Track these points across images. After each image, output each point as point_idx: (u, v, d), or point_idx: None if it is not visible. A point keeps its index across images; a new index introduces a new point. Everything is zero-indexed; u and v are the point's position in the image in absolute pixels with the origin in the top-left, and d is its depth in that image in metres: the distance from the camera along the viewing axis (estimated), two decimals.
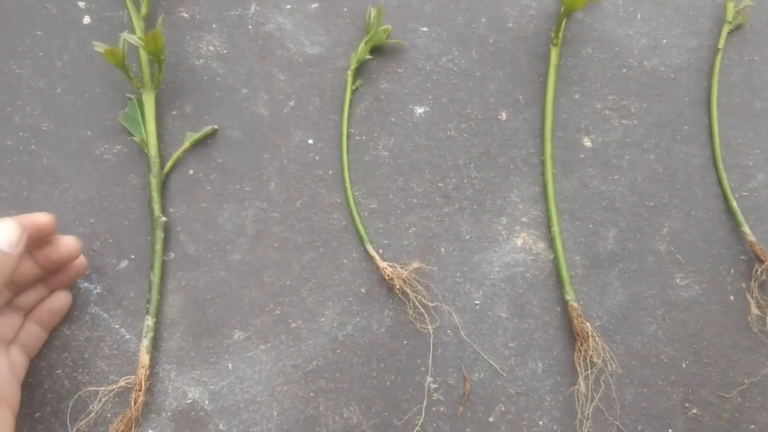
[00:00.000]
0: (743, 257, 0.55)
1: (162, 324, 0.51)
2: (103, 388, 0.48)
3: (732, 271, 0.54)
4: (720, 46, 0.60)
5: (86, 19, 0.57)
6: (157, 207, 0.52)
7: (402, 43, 0.59)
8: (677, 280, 0.54)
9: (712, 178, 0.57)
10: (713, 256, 0.55)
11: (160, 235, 0.52)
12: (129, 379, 0.48)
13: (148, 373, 0.48)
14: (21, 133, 0.54)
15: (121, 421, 0.46)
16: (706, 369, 0.52)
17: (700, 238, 0.55)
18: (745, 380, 0.52)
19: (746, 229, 0.54)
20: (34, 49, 0.56)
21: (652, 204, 0.56)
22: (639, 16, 0.61)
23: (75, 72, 0.56)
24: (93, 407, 0.48)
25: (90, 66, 0.56)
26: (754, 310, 0.53)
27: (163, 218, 0.52)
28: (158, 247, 0.51)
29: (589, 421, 0.49)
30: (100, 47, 0.50)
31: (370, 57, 0.57)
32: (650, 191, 0.56)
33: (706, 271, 0.54)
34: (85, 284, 0.51)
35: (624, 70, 0.60)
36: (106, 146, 0.55)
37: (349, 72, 0.57)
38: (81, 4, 0.57)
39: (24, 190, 0.53)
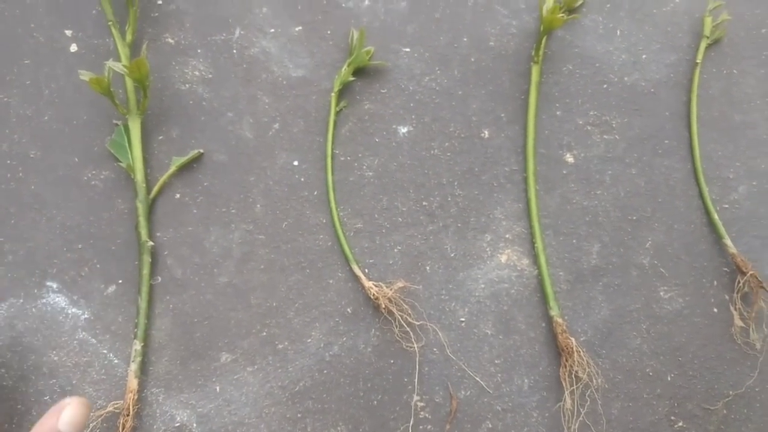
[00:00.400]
0: (726, 269, 0.55)
1: (150, 348, 0.51)
2: (92, 413, 0.48)
3: (715, 283, 0.55)
4: (698, 61, 0.61)
5: (73, 47, 0.58)
6: (144, 232, 0.53)
7: (385, 64, 0.59)
8: (661, 294, 0.54)
9: (693, 191, 0.57)
10: (696, 268, 0.55)
11: (147, 259, 0.52)
12: (117, 404, 0.49)
13: (136, 397, 0.48)
14: (9, 161, 0.55)
15: None
16: (691, 382, 0.53)
17: (682, 251, 0.56)
18: (730, 392, 0.52)
19: (728, 241, 0.55)
20: (22, 78, 0.57)
21: (634, 218, 0.56)
22: (618, 32, 0.62)
23: (62, 99, 0.57)
24: None
25: (77, 93, 0.57)
26: (738, 322, 0.53)
27: (150, 243, 0.53)
28: (145, 271, 0.52)
29: None
30: (85, 75, 0.51)
31: (354, 78, 0.58)
32: (633, 205, 0.57)
33: (689, 284, 0.55)
34: (73, 310, 0.52)
35: (605, 86, 0.60)
36: (94, 172, 0.55)
37: (333, 94, 0.57)
38: (68, 33, 0.58)
39: (12, 217, 0.54)
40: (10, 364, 0.50)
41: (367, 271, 0.54)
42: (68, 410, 0.38)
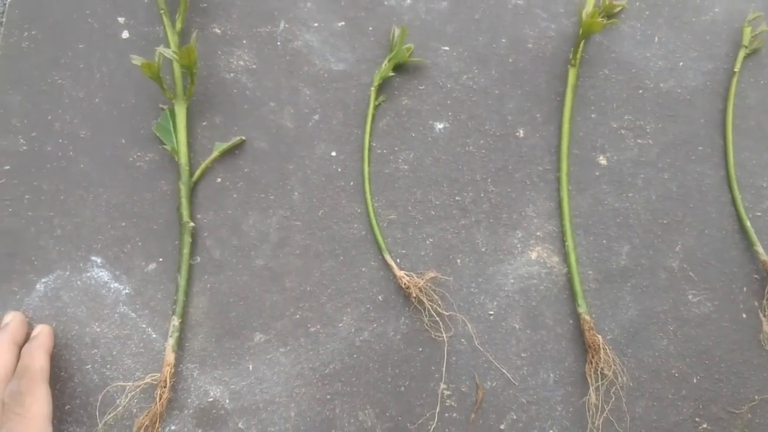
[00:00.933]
0: (756, 276, 0.55)
1: (187, 325, 0.53)
2: (130, 383, 0.50)
3: (744, 289, 0.55)
4: (736, 70, 0.61)
5: (125, 34, 0.60)
6: (185, 213, 0.54)
7: (424, 62, 0.61)
8: (689, 297, 0.55)
9: (725, 198, 0.58)
10: (726, 274, 0.56)
11: (187, 239, 0.54)
12: (155, 376, 0.50)
13: (173, 371, 0.50)
14: (60, 140, 0.57)
15: (147, 415, 0.49)
16: (717, 385, 0.53)
17: (712, 256, 0.56)
18: (756, 397, 0.52)
19: (759, 248, 0.55)
20: (76, 61, 0.59)
21: (665, 222, 0.57)
22: (656, 39, 0.63)
23: (112, 83, 0.59)
24: (120, 401, 0.50)
25: (127, 78, 0.59)
26: (766, 328, 0.53)
27: (191, 224, 0.54)
28: (185, 251, 0.54)
29: None
30: (137, 60, 0.53)
31: (393, 74, 0.59)
32: (664, 209, 0.57)
33: (718, 289, 0.55)
34: (115, 284, 0.54)
35: (640, 91, 0.61)
36: (139, 154, 0.57)
37: (373, 88, 0.59)
38: (120, 20, 0.61)
39: (61, 193, 0.56)
40: (55, 332, 0.52)
41: (398, 261, 0.55)
42: None
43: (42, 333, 0.51)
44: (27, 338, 0.51)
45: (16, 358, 0.48)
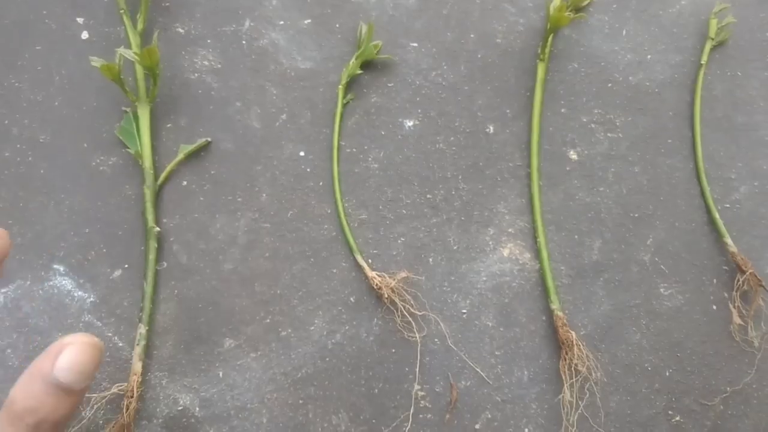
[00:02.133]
0: (725, 268, 0.56)
1: (154, 332, 0.52)
2: (95, 395, 0.49)
3: (714, 281, 0.55)
4: (703, 62, 0.61)
5: (84, 35, 0.59)
6: (150, 217, 0.53)
7: (392, 58, 0.60)
8: (661, 290, 0.55)
9: (695, 190, 0.58)
10: (696, 266, 0.56)
11: (153, 244, 0.53)
12: (122, 386, 0.49)
13: (140, 380, 0.49)
14: (19, 145, 0.55)
15: (114, 427, 0.47)
16: (689, 377, 0.53)
17: (683, 248, 0.56)
18: (728, 388, 0.53)
19: (728, 240, 0.55)
20: (33, 63, 0.57)
21: (636, 215, 0.57)
22: (624, 32, 0.63)
23: (72, 86, 0.57)
24: (86, 413, 0.48)
25: (87, 80, 0.57)
26: (736, 320, 0.53)
27: (157, 228, 0.53)
28: (151, 256, 0.52)
29: (574, 428, 0.50)
30: (96, 62, 0.51)
31: (361, 72, 0.59)
32: (635, 203, 0.57)
33: (689, 281, 0.55)
34: (79, 293, 0.52)
35: (609, 85, 0.61)
36: (102, 158, 0.56)
37: (340, 86, 0.58)
38: (79, 20, 0.59)
39: (21, 201, 0.54)
40: (16, 344, 0.51)
41: (370, 261, 0.55)
42: (68, 353, 0.29)
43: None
44: None
45: None
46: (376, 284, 0.52)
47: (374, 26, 0.58)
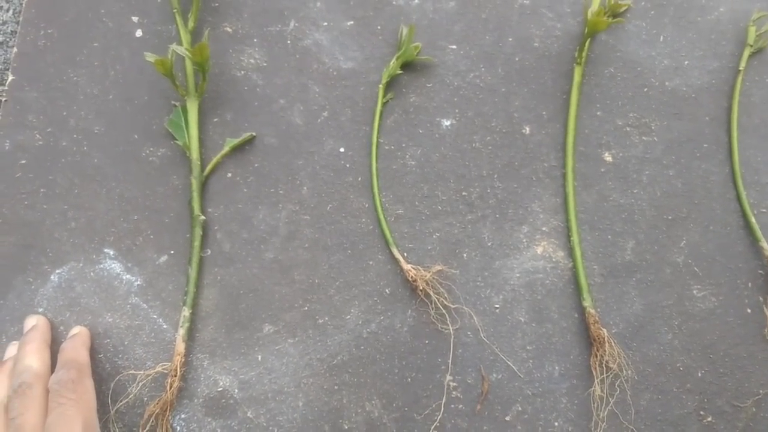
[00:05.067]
0: (761, 271, 0.56)
1: (197, 316, 0.54)
2: (141, 372, 0.51)
3: (749, 284, 0.56)
4: (741, 68, 0.61)
5: (138, 33, 0.62)
6: (196, 206, 0.56)
7: (431, 60, 0.62)
8: (694, 292, 0.55)
9: (730, 195, 0.58)
10: (731, 269, 0.56)
11: (198, 232, 0.55)
12: (165, 365, 0.51)
13: (183, 360, 0.51)
14: (75, 136, 0.58)
15: (157, 403, 0.49)
16: (722, 379, 0.53)
17: (717, 251, 0.56)
18: (761, 391, 0.53)
19: (764, 244, 0.55)
20: (91, 59, 0.60)
21: (670, 217, 0.58)
22: (662, 38, 0.63)
23: (126, 80, 0.60)
24: (132, 390, 0.51)
25: (140, 75, 0.60)
26: None
27: (202, 217, 0.55)
28: (196, 243, 0.55)
29: (604, 423, 0.51)
30: (150, 57, 0.54)
31: (401, 72, 0.60)
32: (669, 205, 0.58)
33: (723, 284, 0.56)
34: (127, 276, 0.55)
35: (645, 90, 0.62)
36: (152, 149, 0.58)
37: (381, 86, 0.60)
38: (134, 19, 0.62)
39: (75, 187, 0.57)
40: (68, 323, 0.54)
41: (405, 255, 0.56)
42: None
43: (82, 331, 0.52)
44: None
45: (50, 356, 0.49)
46: (411, 276, 0.54)
47: (415, 29, 0.60)
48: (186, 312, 0.53)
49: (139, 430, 0.50)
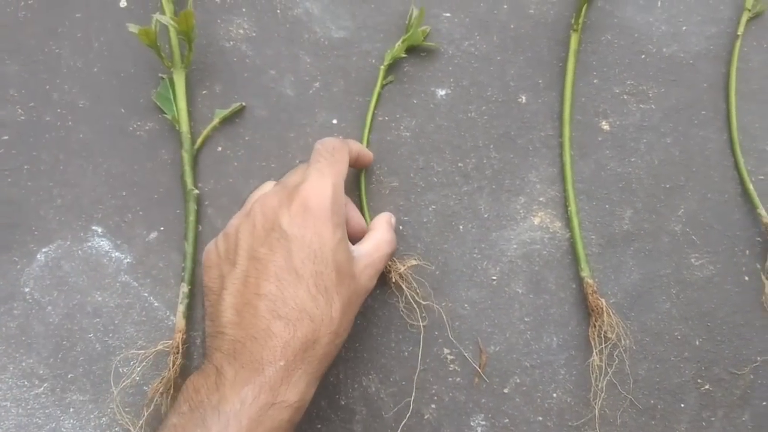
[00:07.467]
0: (759, 239, 0.55)
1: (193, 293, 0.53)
2: (142, 351, 0.50)
3: (747, 252, 0.55)
4: (739, 33, 0.60)
5: (122, 2, 0.60)
6: (189, 180, 0.54)
7: (438, 47, 0.60)
8: (692, 260, 0.55)
9: (728, 162, 0.58)
10: (728, 237, 0.56)
11: (193, 206, 0.54)
12: (166, 342, 0.50)
13: (184, 337, 0.50)
14: (59, 110, 0.57)
15: (161, 382, 0.49)
16: (719, 347, 0.53)
17: (715, 219, 0.56)
18: (758, 358, 0.53)
19: (762, 211, 0.55)
20: (73, 31, 0.58)
21: (668, 186, 0.57)
22: (659, 3, 0.62)
23: (111, 52, 0.58)
24: (133, 369, 0.50)
25: (125, 47, 0.58)
26: None
27: (196, 191, 0.54)
28: (191, 218, 0.53)
29: (603, 394, 0.51)
30: (134, 28, 0.52)
31: (405, 56, 0.58)
32: (667, 173, 0.57)
33: (720, 252, 0.55)
34: (117, 254, 0.54)
35: (643, 56, 0.61)
36: (139, 123, 0.57)
37: (382, 67, 0.58)
38: None
39: (60, 163, 0.56)
40: (57, 302, 0.52)
41: (400, 228, 0.55)
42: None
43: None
44: None
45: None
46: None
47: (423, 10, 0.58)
48: (185, 288, 0.52)
49: (143, 410, 0.50)
